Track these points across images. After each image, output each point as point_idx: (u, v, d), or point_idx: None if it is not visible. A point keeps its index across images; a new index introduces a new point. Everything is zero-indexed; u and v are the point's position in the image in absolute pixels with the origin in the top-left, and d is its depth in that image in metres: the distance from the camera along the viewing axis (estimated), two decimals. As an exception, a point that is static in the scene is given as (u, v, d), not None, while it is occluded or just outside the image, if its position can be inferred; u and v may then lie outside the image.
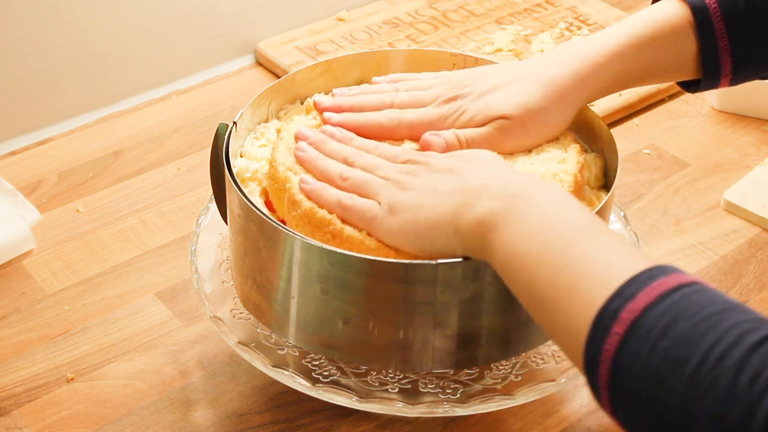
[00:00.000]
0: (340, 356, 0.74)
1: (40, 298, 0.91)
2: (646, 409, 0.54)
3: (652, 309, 0.55)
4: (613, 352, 0.55)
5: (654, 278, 0.56)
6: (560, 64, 0.77)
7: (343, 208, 0.71)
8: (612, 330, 0.55)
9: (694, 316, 0.53)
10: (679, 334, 0.53)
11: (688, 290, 0.55)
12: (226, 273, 0.83)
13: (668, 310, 0.54)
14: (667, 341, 0.53)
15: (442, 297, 0.70)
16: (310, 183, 0.73)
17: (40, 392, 0.83)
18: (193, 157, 1.09)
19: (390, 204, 0.70)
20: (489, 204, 0.65)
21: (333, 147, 0.77)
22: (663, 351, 0.53)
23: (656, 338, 0.53)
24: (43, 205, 1.02)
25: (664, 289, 0.56)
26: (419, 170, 0.71)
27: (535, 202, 0.64)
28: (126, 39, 1.14)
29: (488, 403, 0.74)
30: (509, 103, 0.77)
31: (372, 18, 1.29)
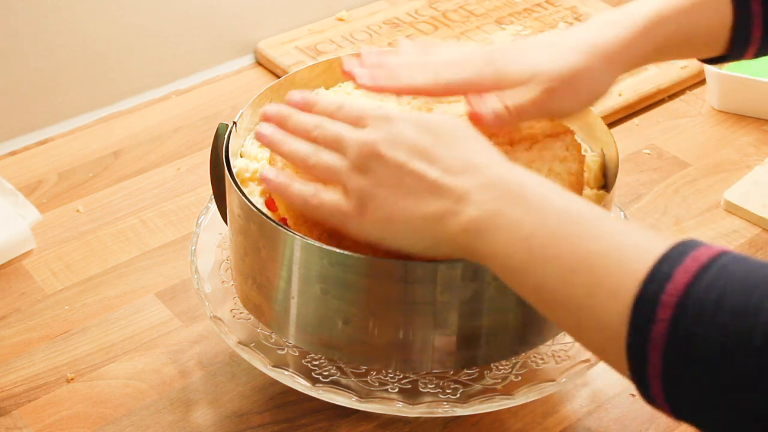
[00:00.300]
0: (340, 356, 0.74)
1: (40, 298, 0.91)
2: (712, 390, 0.51)
3: (695, 286, 0.52)
4: (663, 339, 0.52)
5: (685, 254, 0.53)
6: (602, 29, 0.74)
7: (311, 206, 0.68)
8: (657, 316, 0.52)
9: (742, 286, 0.51)
10: (734, 306, 0.50)
11: (723, 261, 0.53)
12: (226, 273, 0.83)
13: (713, 284, 0.52)
14: (723, 316, 0.50)
15: (442, 297, 0.70)
16: (272, 180, 0.70)
17: (40, 392, 0.83)
18: (193, 157, 1.09)
19: (358, 197, 0.65)
20: (471, 212, 0.61)
21: (296, 120, 0.71)
22: (721, 327, 0.50)
23: (710, 315, 0.51)
24: (43, 205, 1.02)
25: (699, 264, 0.53)
26: (383, 146, 0.65)
27: (522, 200, 0.60)
28: (126, 39, 1.14)
29: (488, 403, 0.74)
30: (552, 63, 0.73)
31: (372, 18, 1.29)
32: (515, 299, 0.72)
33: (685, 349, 0.52)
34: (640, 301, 0.53)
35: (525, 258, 0.59)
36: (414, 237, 0.65)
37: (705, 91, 1.18)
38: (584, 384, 0.83)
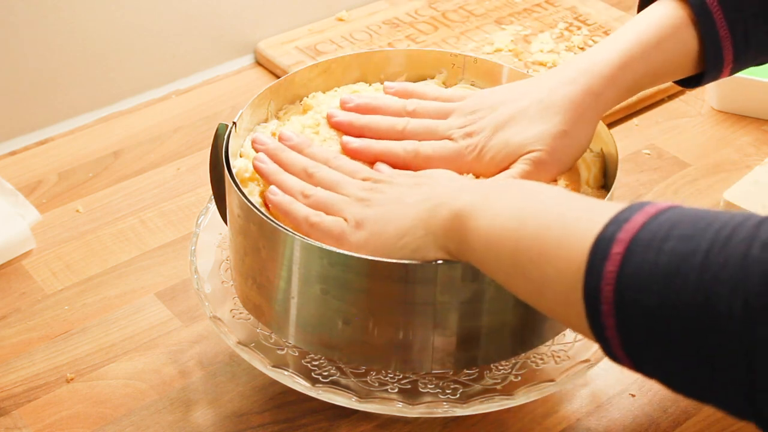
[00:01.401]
0: (340, 356, 0.74)
1: (40, 298, 0.91)
2: (660, 312, 0.52)
3: (650, 223, 0.54)
4: (615, 272, 0.53)
5: (644, 205, 0.56)
6: (572, 82, 0.76)
7: (310, 224, 0.72)
8: (611, 252, 0.54)
9: (693, 218, 0.53)
10: (682, 233, 0.52)
11: (678, 209, 0.55)
12: (225, 273, 0.83)
13: (665, 221, 0.54)
14: (672, 242, 0.52)
15: (442, 297, 0.70)
16: (278, 195, 0.74)
17: (40, 392, 0.83)
18: (193, 157, 1.09)
19: (356, 220, 0.70)
20: (466, 197, 0.65)
21: (291, 157, 0.77)
22: (668, 251, 0.52)
23: (659, 242, 0.52)
24: (43, 205, 1.02)
25: (656, 209, 0.55)
26: (383, 187, 0.73)
27: (510, 191, 0.65)
28: (126, 39, 1.14)
29: (488, 404, 0.74)
30: (532, 136, 0.76)
31: (372, 18, 1.29)
32: (515, 299, 0.72)
33: (635, 277, 0.53)
34: (598, 243, 0.55)
35: (504, 224, 0.62)
36: (401, 242, 0.68)
37: (705, 91, 1.18)
38: (584, 384, 0.83)
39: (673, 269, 0.52)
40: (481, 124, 0.78)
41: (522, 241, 0.60)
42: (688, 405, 0.82)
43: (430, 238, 0.67)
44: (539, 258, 0.59)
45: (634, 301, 0.53)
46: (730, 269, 0.50)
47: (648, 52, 0.77)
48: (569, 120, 0.76)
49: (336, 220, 0.71)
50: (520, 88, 0.80)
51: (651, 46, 0.77)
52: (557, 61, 1.19)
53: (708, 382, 0.52)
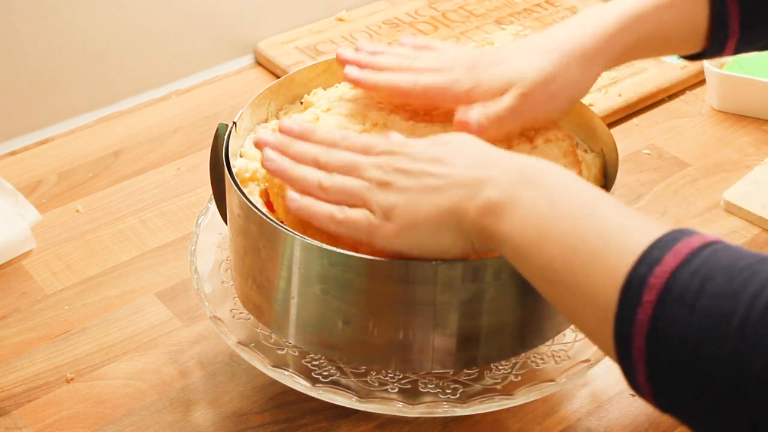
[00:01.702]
0: (340, 356, 0.74)
1: (40, 298, 0.91)
2: (691, 372, 0.52)
3: (682, 269, 0.53)
4: (647, 321, 0.53)
5: (677, 240, 0.54)
6: (581, 27, 0.76)
7: (336, 222, 0.69)
8: (643, 298, 0.53)
9: (727, 271, 0.52)
10: (717, 290, 0.51)
11: (713, 248, 0.54)
12: (226, 273, 0.83)
13: (699, 268, 0.52)
14: (706, 299, 0.51)
15: (442, 297, 0.70)
16: (297, 201, 0.71)
17: (40, 392, 0.83)
18: (193, 157, 1.09)
19: (383, 209, 0.67)
20: (490, 193, 0.63)
21: (298, 148, 0.73)
22: (702, 310, 0.51)
23: (693, 298, 0.52)
24: (43, 205, 1.02)
25: (689, 249, 0.53)
26: (401, 162, 0.69)
27: (539, 184, 0.63)
28: (126, 39, 1.14)
29: (488, 403, 0.74)
30: (525, 68, 0.75)
31: (372, 18, 1.29)
32: (515, 299, 0.72)
33: (667, 331, 0.52)
34: (628, 284, 0.54)
35: (534, 238, 0.61)
36: (437, 235, 0.66)
37: (705, 91, 1.18)
38: (584, 384, 0.83)
39: (706, 334, 0.51)
40: (485, 60, 0.78)
41: (553, 262, 0.60)
42: (688, 405, 0.82)
43: (462, 234, 0.66)
44: (569, 284, 0.58)
45: (667, 357, 0.53)
46: (762, 350, 0.49)
47: (660, 9, 0.76)
48: (566, 62, 0.75)
49: (362, 213, 0.68)
50: (528, 37, 0.80)
51: (664, 5, 0.76)
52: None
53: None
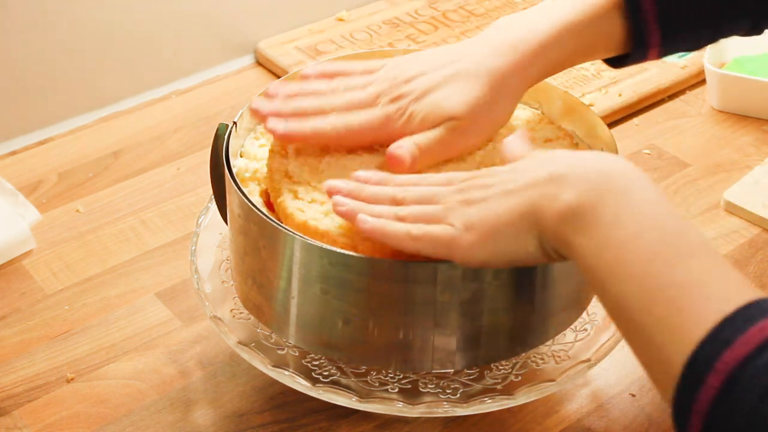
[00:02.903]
0: (340, 356, 0.74)
1: (40, 298, 0.91)
2: None
3: (753, 361, 0.51)
4: (707, 405, 0.51)
5: (752, 320, 0.52)
6: (499, 55, 0.76)
7: (414, 238, 0.66)
8: (707, 381, 0.52)
9: None
10: None
11: None
12: (226, 273, 0.83)
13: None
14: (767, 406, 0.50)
15: (442, 297, 0.70)
16: (369, 222, 0.67)
17: (40, 392, 0.83)
18: (193, 157, 1.09)
19: (464, 223, 0.64)
20: (569, 195, 0.60)
21: (373, 190, 0.70)
22: (764, 414, 0.50)
23: (758, 398, 0.50)
24: (43, 205, 1.02)
25: (764, 336, 0.51)
26: (481, 180, 0.66)
27: (625, 198, 0.59)
28: (126, 39, 1.14)
29: (488, 403, 0.74)
30: (458, 102, 0.75)
31: (372, 18, 1.29)
32: (515, 299, 0.72)
33: (725, 424, 0.51)
34: (695, 358, 0.53)
35: (612, 267, 0.58)
36: (518, 240, 0.63)
37: (705, 91, 1.18)
38: (584, 384, 0.83)
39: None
40: (409, 87, 0.76)
41: (628, 298, 0.57)
42: (688, 405, 0.82)
43: (536, 239, 0.63)
44: (642, 331, 0.56)
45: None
46: None
47: (575, 32, 0.76)
48: (494, 90, 0.75)
49: (441, 227, 0.65)
50: (447, 54, 0.78)
51: (578, 27, 0.76)
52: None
53: None
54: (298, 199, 0.75)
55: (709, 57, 1.15)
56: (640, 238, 0.57)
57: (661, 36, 0.77)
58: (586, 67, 1.19)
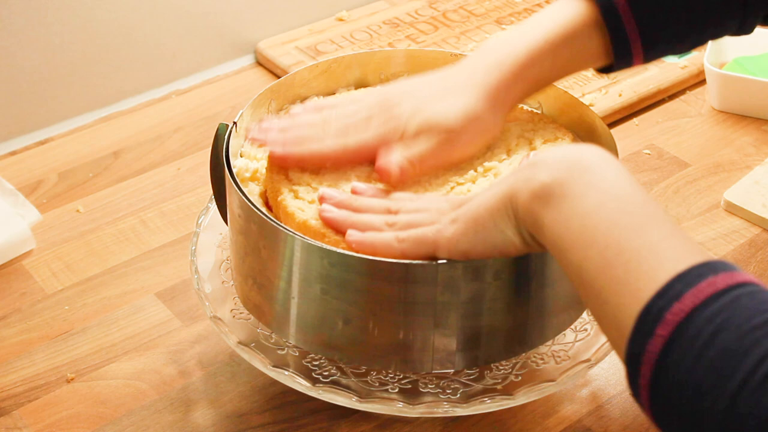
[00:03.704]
0: (340, 356, 0.74)
1: (40, 298, 0.91)
2: (686, 416, 0.52)
3: (699, 312, 0.53)
4: (656, 354, 0.53)
5: (703, 277, 0.54)
6: (486, 73, 0.78)
7: (400, 240, 0.69)
8: (656, 331, 0.54)
9: (741, 326, 0.52)
10: (726, 345, 0.51)
11: (737, 293, 0.53)
12: (226, 273, 0.83)
13: (715, 315, 0.52)
14: (713, 351, 0.51)
15: (442, 297, 0.70)
16: (357, 235, 0.71)
17: (40, 392, 0.83)
18: (193, 157, 1.09)
19: (451, 217, 0.69)
20: (543, 175, 0.63)
21: (367, 201, 0.74)
22: (707, 362, 0.51)
23: (701, 347, 0.52)
24: (43, 205, 1.02)
25: (712, 290, 0.53)
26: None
27: (591, 174, 0.62)
28: (126, 39, 1.14)
29: (488, 403, 0.74)
30: (451, 114, 0.76)
31: (372, 18, 1.29)
32: (515, 299, 0.72)
33: (672, 373, 0.53)
34: (646, 312, 0.55)
35: (576, 236, 0.61)
36: (498, 227, 0.66)
37: (705, 91, 1.18)
38: (584, 384, 0.83)
39: (706, 386, 0.51)
40: (399, 110, 0.78)
41: (589, 265, 0.59)
42: (688, 405, 0.82)
43: (512, 224, 0.66)
44: (601, 293, 0.59)
45: (667, 395, 0.54)
46: (757, 418, 0.49)
47: (556, 50, 0.78)
48: (485, 104, 0.77)
49: (429, 227, 0.69)
50: (433, 77, 0.80)
51: (559, 45, 0.78)
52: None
53: None
54: (298, 198, 0.75)
55: (709, 57, 1.15)
56: (603, 207, 0.60)
57: (642, 46, 0.78)
58: (586, 67, 1.19)
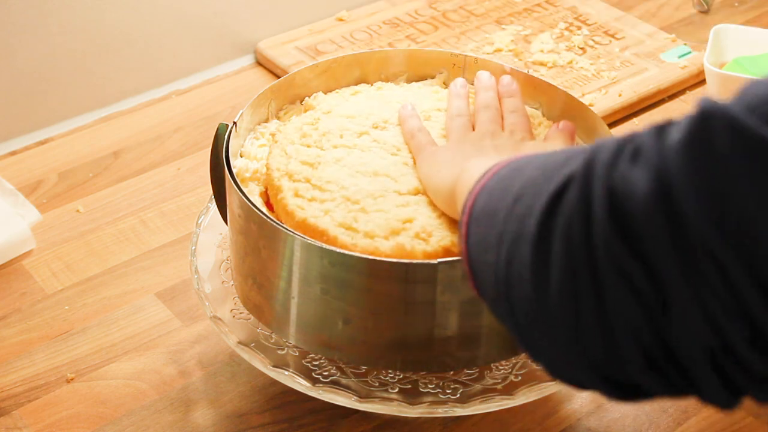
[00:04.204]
0: (340, 356, 0.74)
1: (40, 298, 0.91)
2: (479, 272, 0.57)
3: (503, 169, 0.58)
4: (470, 208, 0.58)
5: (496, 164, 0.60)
6: None
7: (411, 135, 0.80)
8: (473, 190, 0.59)
9: (507, 188, 0.56)
10: (494, 203, 0.56)
11: (508, 166, 0.58)
12: (226, 273, 0.83)
13: (502, 177, 0.57)
14: (484, 215, 0.57)
15: (442, 297, 0.70)
16: (408, 109, 0.83)
17: (40, 392, 0.83)
18: (193, 157, 1.09)
19: (435, 148, 0.77)
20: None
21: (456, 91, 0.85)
22: (482, 227, 0.57)
23: (478, 212, 0.58)
24: (43, 205, 1.02)
25: (498, 167, 0.59)
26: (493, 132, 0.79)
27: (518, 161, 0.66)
28: (126, 39, 1.14)
29: (488, 403, 0.74)
30: None
31: (372, 18, 1.29)
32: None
33: (477, 212, 0.58)
34: (475, 187, 0.60)
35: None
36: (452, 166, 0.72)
37: (705, 91, 1.18)
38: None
39: (481, 247, 0.56)
40: None
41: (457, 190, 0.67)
42: (688, 405, 0.82)
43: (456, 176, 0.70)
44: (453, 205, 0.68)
45: (473, 251, 0.58)
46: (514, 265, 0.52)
47: None
48: None
49: (427, 140, 0.79)
50: None
51: None
52: (557, 62, 1.19)
53: None
54: (298, 196, 0.75)
55: (709, 57, 1.15)
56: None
57: None
58: (586, 68, 1.19)
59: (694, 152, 0.44)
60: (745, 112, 0.43)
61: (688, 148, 0.44)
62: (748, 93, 0.44)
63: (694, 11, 1.34)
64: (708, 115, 0.44)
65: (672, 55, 1.22)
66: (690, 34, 1.28)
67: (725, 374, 0.46)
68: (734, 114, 0.43)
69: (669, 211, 0.44)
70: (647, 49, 1.23)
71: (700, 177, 0.44)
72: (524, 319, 0.52)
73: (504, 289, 0.53)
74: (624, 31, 1.27)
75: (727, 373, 0.46)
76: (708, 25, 1.25)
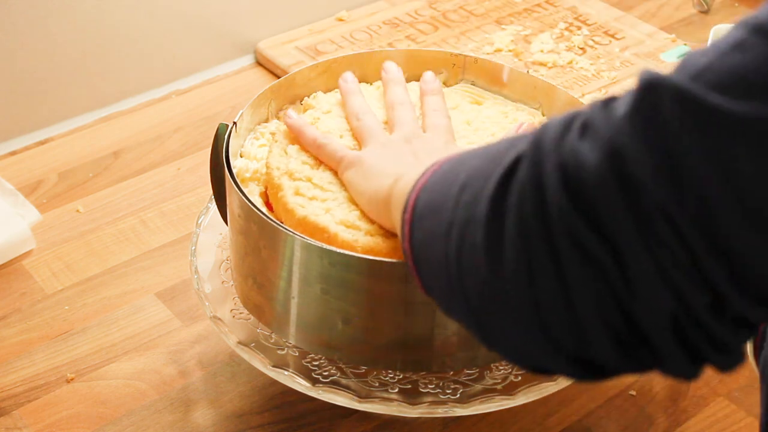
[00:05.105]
0: (340, 356, 0.74)
1: (40, 298, 0.91)
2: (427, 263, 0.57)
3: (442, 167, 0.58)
4: (413, 204, 0.58)
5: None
6: None
7: (318, 146, 0.76)
8: (415, 187, 0.59)
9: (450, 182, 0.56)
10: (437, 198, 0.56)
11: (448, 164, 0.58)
12: (226, 273, 0.83)
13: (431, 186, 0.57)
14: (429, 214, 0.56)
15: (442, 297, 0.70)
16: (293, 118, 0.79)
17: (40, 392, 0.83)
18: (193, 157, 1.09)
19: (359, 156, 0.73)
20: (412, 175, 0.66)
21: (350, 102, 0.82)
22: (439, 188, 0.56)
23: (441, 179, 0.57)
24: (43, 205, 1.02)
25: (436, 167, 0.58)
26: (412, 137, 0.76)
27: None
28: (126, 39, 1.14)
29: (488, 403, 0.74)
30: None
31: (372, 18, 1.29)
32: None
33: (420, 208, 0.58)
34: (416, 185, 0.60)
35: None
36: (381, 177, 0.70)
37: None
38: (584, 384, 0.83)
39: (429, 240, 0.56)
40: None
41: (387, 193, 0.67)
42: (687, 405, 0.82)
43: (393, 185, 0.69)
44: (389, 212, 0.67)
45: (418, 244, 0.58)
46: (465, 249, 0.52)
47: None
48: None
49: (341, 147, 0.76)
50: None
51: None
52: (557, 62, 1.19)
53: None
54: (298, 195, 0.75)
55: (709, 57, 1.15)
56: None
57: None
58: (586, 68, 1.19)
59: (644, 121, 0.45)
60: (688, 81, 0.44)
61: (637, 118, 0.45)
62: (688, 64, 0.45)
63: (694, 11, 1.34)
64: (653, 85, 0.45)
65: (672, 55, 1.22)
66: (690, 34, 1.28)
67: (687, 343, 0.47)
68: (679, 83, 0.44)
69: (623, 178, 0.45)
70: (647, 49, 1.23)
71: (651, 144, 0.44)
72: (480, 305, 0.51)
73: (456, 278, 0.52)
74: (624, 31, 1.27)
75: (689, 342, 0.47)
76: (708, 25, 1.25)
